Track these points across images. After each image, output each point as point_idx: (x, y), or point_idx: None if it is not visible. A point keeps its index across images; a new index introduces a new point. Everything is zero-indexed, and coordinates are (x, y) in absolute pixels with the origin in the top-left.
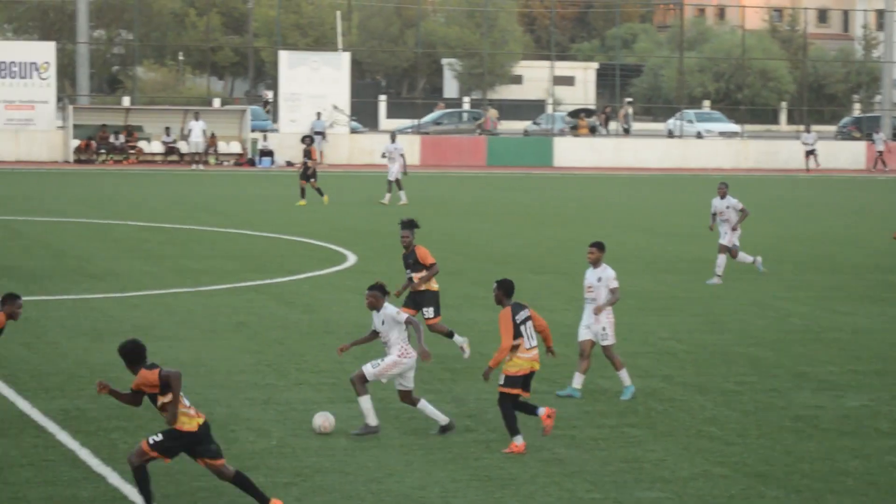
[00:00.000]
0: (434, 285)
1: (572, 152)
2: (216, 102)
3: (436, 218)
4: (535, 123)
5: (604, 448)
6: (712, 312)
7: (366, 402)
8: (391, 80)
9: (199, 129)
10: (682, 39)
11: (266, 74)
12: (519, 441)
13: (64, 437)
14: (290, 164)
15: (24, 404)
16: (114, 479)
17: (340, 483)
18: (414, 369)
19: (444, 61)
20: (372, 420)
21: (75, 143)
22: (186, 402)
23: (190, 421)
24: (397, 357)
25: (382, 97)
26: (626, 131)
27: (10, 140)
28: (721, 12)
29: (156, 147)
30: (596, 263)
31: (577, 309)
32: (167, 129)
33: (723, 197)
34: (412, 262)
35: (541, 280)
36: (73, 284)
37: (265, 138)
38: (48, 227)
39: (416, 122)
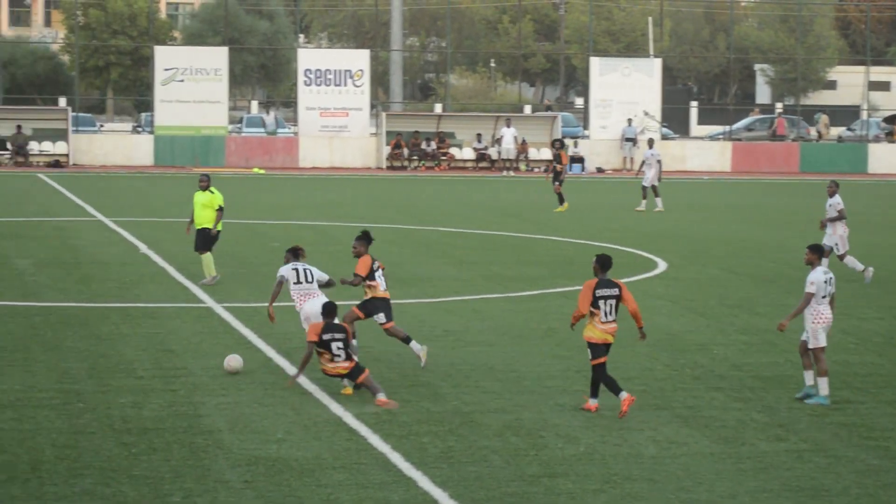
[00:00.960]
0: (381, 292)
1: (888, 159)
2: (527, 109)
3: (743, 225)
4: (849, 129)
5: None
6: None
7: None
8: (702, 86)
9: (510, 135)
10: None
11: (577, 81)
12: (624, 396)
13: (375, 440)
14: (600, 170)
15: (336, 408)
16: (424, 483)
17: (649, 491)
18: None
19: (757, 66)
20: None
21: (387, 150)
22: None
23: None
24: None
25: (694, 103)
26: None
27: (325, 147)
28: None
29: (467, 153)
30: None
31: (892, 318)
32: (478, 135)
33: (831, 196)
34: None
35: (852, 288)
36: None
37: (576, 144)
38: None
39: (727, 128)
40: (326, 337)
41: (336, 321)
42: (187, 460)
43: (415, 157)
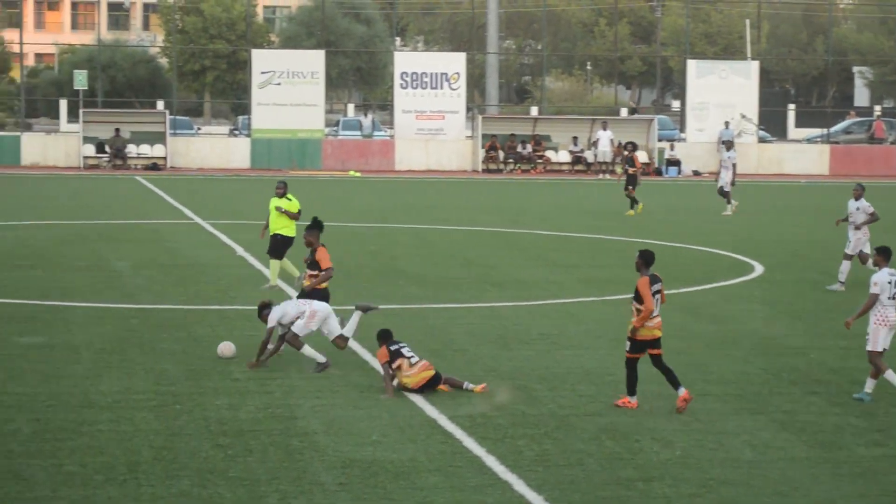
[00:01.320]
0: (323, 285)
1: None
2: (623, 112)
3: (840, 229)
4: None
5: None
6: None
7: (307, 349)
8: (800, 89)
9: (606, 138)
10: None
11: (674, 83)
12: (633, 399)
13: (470, 443)
14: (696, 173)
15: (431, 410)
16: (519, 486)
17: (745, 495)
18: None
19: (855, 69)
20: (320, 358)
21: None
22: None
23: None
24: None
25: (791, 106)
26: None
27: (421, 149)
28: None
29: (563, 156)
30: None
31: None
32: (574, 138)
33: (857, 199)
34: (310, 262)
35: None
36: (480, 292)
37: (672, 147)
38: (456, 235)
39: (824, 131)
40: (393, 348)
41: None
42: (283, 462)
43: (510, 160)
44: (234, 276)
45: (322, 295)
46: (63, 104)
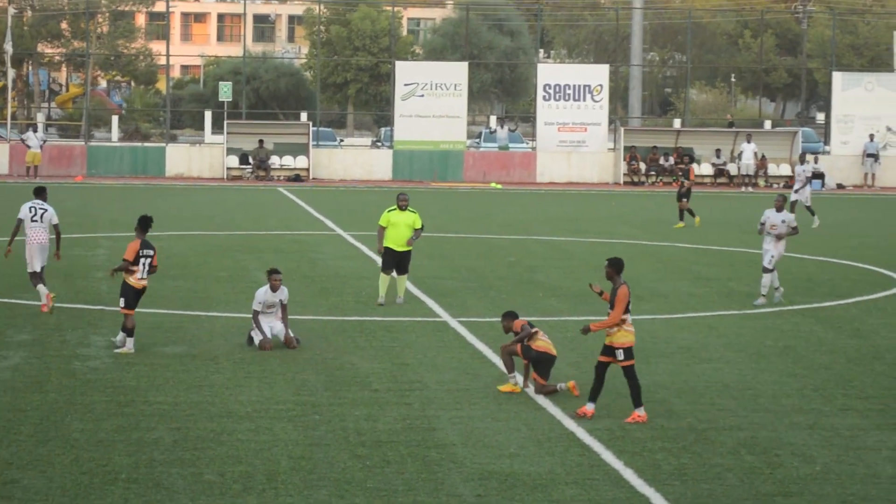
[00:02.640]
0: (136, 280)
1: None
2: (767, 124)
3: None
4: None
5: None
6: None
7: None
8: None
9: (750, 151)
10: None
11: (818, 96)
12: (642, 412)
13: (608, 456)
14: (840, 186)
15: (569, 423)
16: (657, 500)
17: None
18: None
19: None
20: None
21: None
22: None
23: None
24: None
25: None
26: None
27: (562, 162)
28: None
29: (705, 169)
30: None
31: None
32: (717, 151)
33: (778, 210)
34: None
35: None
36: None
37: (816, 160)
38: (599, 248)
39: None
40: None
41: None
42: (420, 474)
43: (652, 173)
44: (374, 287)
45: (127, 289)
46: (208, 116)
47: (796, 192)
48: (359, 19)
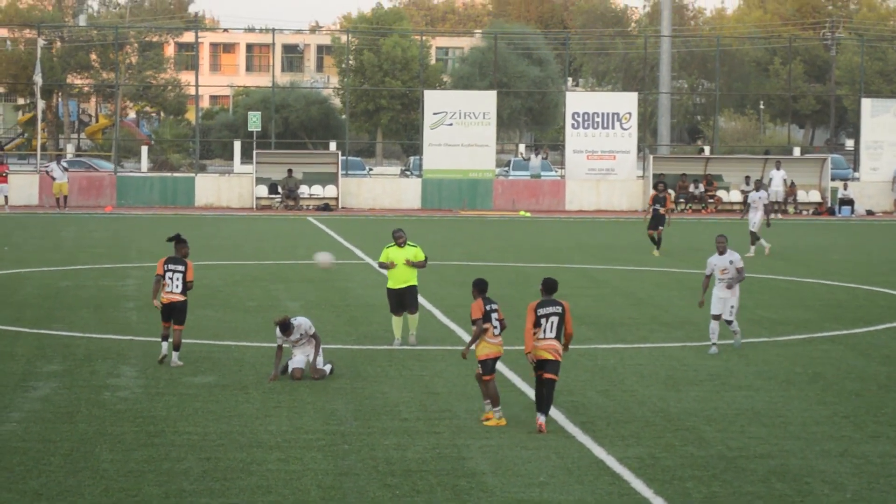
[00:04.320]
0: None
1: None
2: (796, 151)
3: None
4: None
5: None
6: None
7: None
8: None
9: (779, 177)
10: None
11: (847, 122)
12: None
13: (638, 484)
14: (870, 212)
15: (599, 451)
16: None
17: None
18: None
19: None
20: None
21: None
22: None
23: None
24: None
25: None
26: None
27: (591, 190)
28: None
29: (734, 196)
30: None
31: None
32: (747, 178)
33: (721, 253)
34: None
35: None
36: (649, 332)
37: (845, 187)
38: (628, 275)
39: None
40: (488, 307)
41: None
42: (450, 502)
43: (682, 200)
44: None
45: None
46: (237, 145)
47: (753, 223)
48: (390, 46)
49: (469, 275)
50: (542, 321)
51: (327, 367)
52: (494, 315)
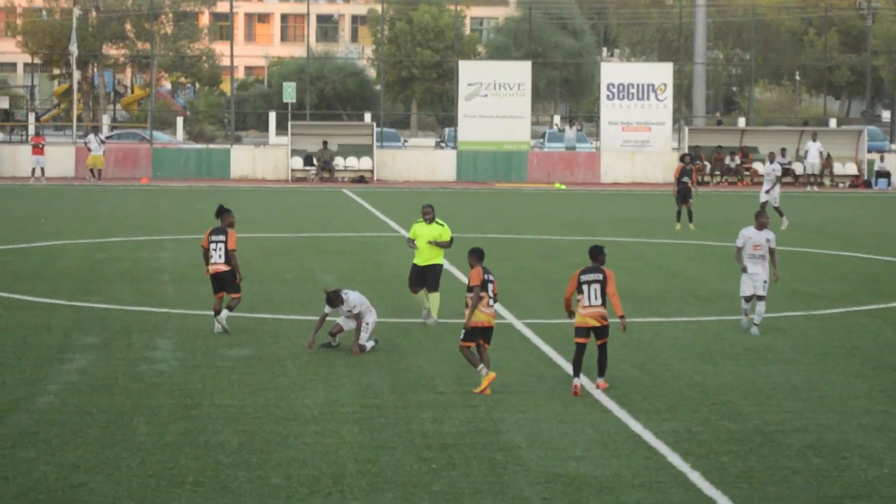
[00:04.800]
0: None
1: None
2: (832, 122)
3: None
4: None
5: None
6: None
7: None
8: None
9: (815, 150)
10: None
11: (884, 93)
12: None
13: (675, 459)
14: None
15: (636, 425)
16: (724, 503)
17: None
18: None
19: None
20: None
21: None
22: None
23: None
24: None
25: None
26: None
27: (626, 162)
28: None
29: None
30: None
31: None
32: (783, 150)
33: (759, 228)
34: None
35: None
36: (685, 306)
37: (882, 159)
38: (663, 249)
39: None
40: (486, 277)
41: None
42: (486, 476)
43: (717, 172)
44: (439, 289)
45: None
46: (272, 117)
47: (767, 192)
48: (420, 15)
49: (503, 248)
50: (584, 287)
51: (369, 344)
52: (491, 286)
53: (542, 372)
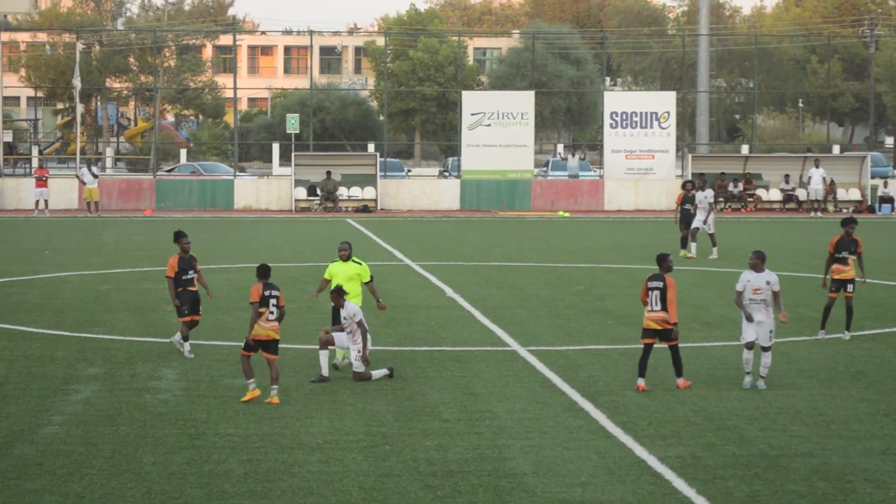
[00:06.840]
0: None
1: None
2: (835, 149)
3: None
4: None
5: None
6: None
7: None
8: None
9: (818, 176)
10: None
11: (887, 119)
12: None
13: (680, 484)
14: None
15: (641, 451)
16: None
17: None
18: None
19: None
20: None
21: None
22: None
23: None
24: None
25: None
26: None
27: (630, 189)
28: None
29: (773, 195)
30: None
31: None
32: (786, 176)
33: (757, 270)
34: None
35: None
36: (689, 332)
37: (885, 184)
38: None
39: None
40: (267, 293)
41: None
42: (492, 503)
43: (720, 199)
44: (443, 317)
45: None
46: (275, 148)
47: (704, 222)
48: (418, 53)
49: (508, 276)
50: (649, 293)
51: (378, 373)
52: (273, 301)
53: (547, 399)
